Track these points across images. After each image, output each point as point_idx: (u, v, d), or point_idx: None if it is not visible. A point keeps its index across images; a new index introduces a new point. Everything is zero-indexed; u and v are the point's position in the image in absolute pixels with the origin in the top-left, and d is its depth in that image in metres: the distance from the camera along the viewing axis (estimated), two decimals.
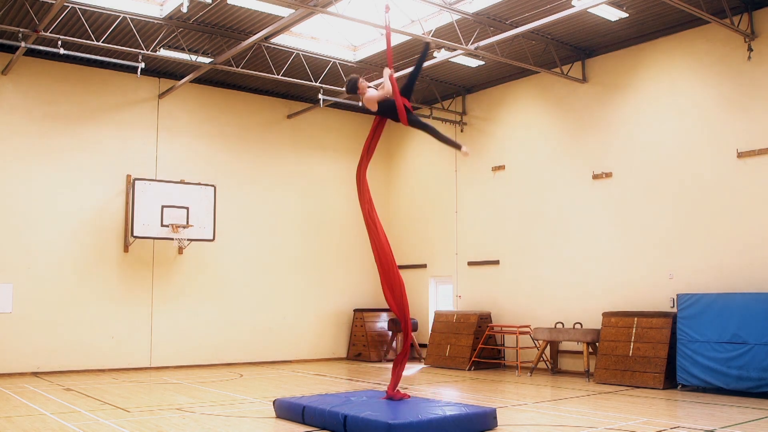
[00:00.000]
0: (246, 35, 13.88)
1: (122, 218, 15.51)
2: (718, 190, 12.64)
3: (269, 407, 9.77)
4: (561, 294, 15.07)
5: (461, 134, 17.85)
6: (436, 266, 18.31)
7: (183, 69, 15.82)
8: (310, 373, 15.06)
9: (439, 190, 18.30)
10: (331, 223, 18.67)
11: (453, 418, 7.94)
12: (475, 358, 15.54)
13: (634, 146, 14.03)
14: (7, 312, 14.10)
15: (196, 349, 16.21)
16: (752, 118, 12.30)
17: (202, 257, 16.50)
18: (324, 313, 18.34)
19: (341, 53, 15.51)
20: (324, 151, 18.82)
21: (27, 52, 14.10)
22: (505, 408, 10.01)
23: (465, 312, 16.49)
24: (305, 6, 11.36)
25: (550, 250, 15.44)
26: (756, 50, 12.29)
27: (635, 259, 13.80)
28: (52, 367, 14.44)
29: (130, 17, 12.95)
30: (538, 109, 16.09)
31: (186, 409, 9.85)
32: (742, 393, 11.27)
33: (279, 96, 18.15)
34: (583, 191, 14.90)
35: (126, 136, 15.82)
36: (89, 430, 8.26)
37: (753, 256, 12.04)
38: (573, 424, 8.73)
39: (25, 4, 12.28)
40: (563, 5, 12.19)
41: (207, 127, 16.96)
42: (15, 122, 14.59)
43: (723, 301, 11.71)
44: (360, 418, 7.74)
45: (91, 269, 15.10)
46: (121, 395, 11.29)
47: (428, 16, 13.29)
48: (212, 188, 16.05)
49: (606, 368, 12.97)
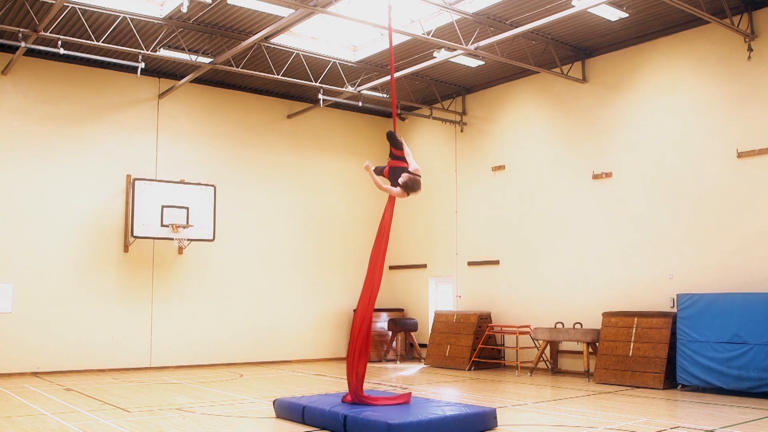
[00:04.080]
0: (246, 35, 13.88)
1: (122, 218, 15.51)
2: (718, 189, 12.64)
3: (269, 407, 9.77)
4: (561, 294, 15.07)
5: (461, 134, 17.86)
6: (436, 266, 18.31)
7: (183, 69, 15.82)
8: (310, 373, 15.06)
9: (439, 190, 18.29)
10: (331, 223, 18.66)
11: (453, 418, 7.95)
12: (475, 358, 15.54)
13: (634, 146, 14.03)
14: (7, 312, 14.11)
15: (196, 349, 16.20)
16: (752, 118, 12.30)
17: (202, 257, 16.50)
18: (324, 313, 18.34)
19: (341, 53, 15.51)
20: (324, 151, 18.82)
21: (27, 52, 14.09)
22: (505, 408, 10.01)
23: (465, 312, 16.49)
24: (305, 6, 11.36)
25: (550, 250, 15.44)
26: (756, 50, 12.29)
27: (635, 259, 13.80)
28: (52, 367, 14.43)
29: (130, 17, 12.95)
30: (538, 109, 16.09)
31: (186, 409, 9.85)
32: (742, 393, 11.26)
33: (279, 96, 18.15)
34: (583, 191, 14.90)
35: (126, 136, 15.82)
36: (89, 430, 8.26)
37: (753, 256, 12.05)
38: (573, 424, 8.74)
39: (25, 4, 12.28)
40: (563, 5, 12.19)
41: (207, 127, 16.96)
42: (15, 122, 14.59)
43: (723, 301, 11.71)
44: (360, 418, 7.75)
45: (91, 269, 15.10)
46: (121, 395, 11.29)
47: (428, 16, 13.28)
48: (212, 188, 16.05)
49: (606, 368, 12.97)
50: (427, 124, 18.57)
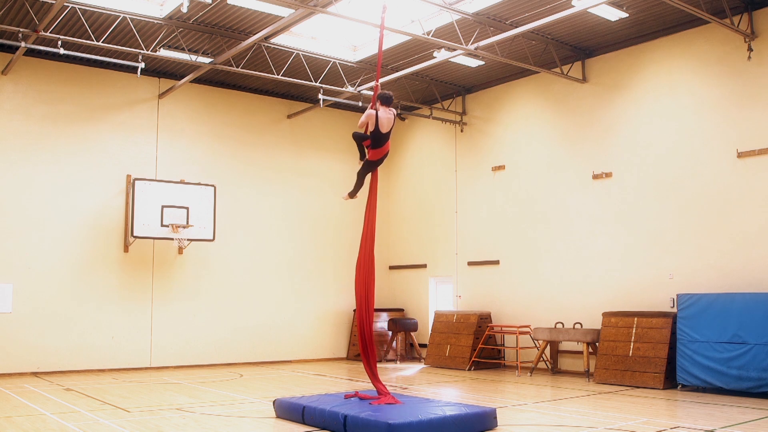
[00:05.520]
0: (246, 35, 13.88)
1: (122, 218, 15.51)
2: (718, 189, 12.64)
3: (269, 407, 9.77)
4: (561, 294, 15.07)
5: (461, 134, 17.86)
6: (436, 266, 18.31)
7: (183, 69, 15.82)
8: (310, 373, 15.06)
9: (439, 190, 18.30)
10: (331, 223, 18.66)
11: (453, 418, 7.95)
12: (475, 358, 15.54)
13: (634, 146, 14.03)
14: (7, 312, 14.11)
15: (196, 349, 16.21)
16: (752, 118, 12.30)
17: (202, 257, 16.50)
18: (324, 313, 18.34)
19: (341, 53, 15.51)
20: (324, 151, 18.82)
21: (27, 52, 14.10)
22: (505, 408, 10.01)
23: (465, 312, 16.49)
24: (305, 6, 11.36)
25: (550, 250, 15.44)
26: (756, 50, 12.29)
27: (635, 259, 13.80)
28: (52, 367, 14.44)
29: (130, 17, 12.95)
30: (538, 109, 16.09)
31: (186, 409, 9.85)
32: (742, 393, 11.27)
33: (279, 96, 18.15)
34: (583, 191, 14.90)
35: (126, 136, 15.82)
36: (89, 430, 8.26)
37: (753, 256, 12.04)
38: (573, 424, 8.74)
39: (25, 4, 12.28)
40: (563, 5, 12.19)
41: (207, 127, 16.96)
42: (15, 122, 14.59)
43: (723, 301, 11.71)
44: (360, 418, 7.75)
45: (91, 269, 15.10)
46: (121, 395, 11.29)
47: (428, 16, 13.29)
48: (212, 188, 16.05)
49: (606, 368, 12.97)
50: (427, 124, 18.57)
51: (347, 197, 10.27)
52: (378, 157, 9.45)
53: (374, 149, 9.39)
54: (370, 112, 9.27)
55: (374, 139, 9.34)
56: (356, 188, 9.95)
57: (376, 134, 9.27)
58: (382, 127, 9.24)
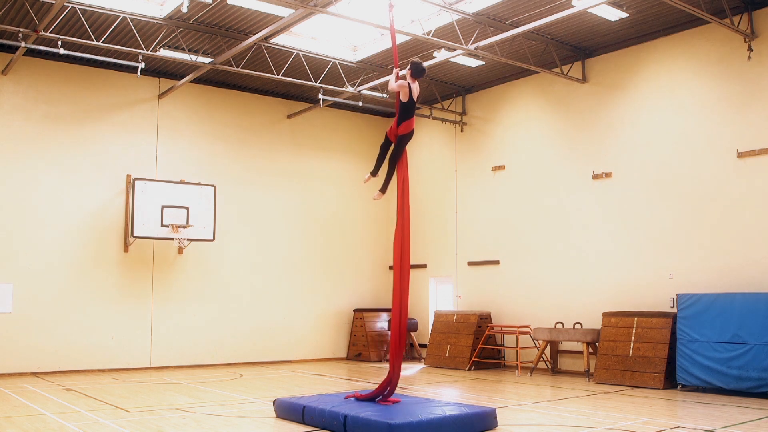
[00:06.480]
0: (246, 35, 13.88)
1: (122, 218, 15.51)
2: (718, 190, 12.64)
3: (269, 407, 9.77)
4: (561, 294, 15.07)
5: (461, 134, 17.86)
6: (436, 266, 18.31)
7: (183, 69, 15.82)
8: (310, 373, 15.06)
9: (439, 190, 18.30)
10: (331, 223, 18.66)
11: (453, 418, 7.95)
12: (475, 358, 15.54)
13: (634, 146, 14.03)
14: (7, 312, 14.11)
15: (196, 349, 16.20)
16: (752, 118, 12.30)
17: (202, 257, 16.50)
18: (324, 313, 18.34)
19: (341, 53, 15.51)
20: (324, 151, 18.81)
21: (27, 52, 14.09)
22: (505, 408, 10.01)
23: (465, 312, 16.49)
24: (305, 6, 11.36)
25: (550, 250, 15.44)
26: (756, 50, 12.29)
27: (635, 259, 13.80)
28: (52, 367, 14.44)
29: (130, 17, 12.95)
30: (538, 109, 16.09)
31: (186, 409, 9.84)
32: (742, 393, 11.27)
33: (279, 96, 18.15)
34: (583, 191, 14.90)
35: (126, 136, 15.81)
36: (89, 430, 8.26)
37: (753, 256, 12.04)
38: (573, 424, 8.74)
39: (25, 4, 12.28)
40: (563, 5, 12.19)
41: (207, 127, 16.96)
42: (15, 122, 14.59)
43: (723, 301, 11.71)
44: (360, 418, 7.75)
45: (91, 269, 15.09)
46: (121, 395, 11.28)
47: (428, 16, 13.28)
48: (212, 188, 16.05)
49: (606, 368, 12.97)
50: (427, 124, 18.56)
51: (378, 196, 9.84)
52: (409, 130, 9.21)
53: (407, 120, 9.20)
54: (403, 83, 9.16)
55: (405, 110, 9.22)
56: (387, 180, 9.51)
57: (408, 103, 9.20)
58: (414, 95, 9.24)
